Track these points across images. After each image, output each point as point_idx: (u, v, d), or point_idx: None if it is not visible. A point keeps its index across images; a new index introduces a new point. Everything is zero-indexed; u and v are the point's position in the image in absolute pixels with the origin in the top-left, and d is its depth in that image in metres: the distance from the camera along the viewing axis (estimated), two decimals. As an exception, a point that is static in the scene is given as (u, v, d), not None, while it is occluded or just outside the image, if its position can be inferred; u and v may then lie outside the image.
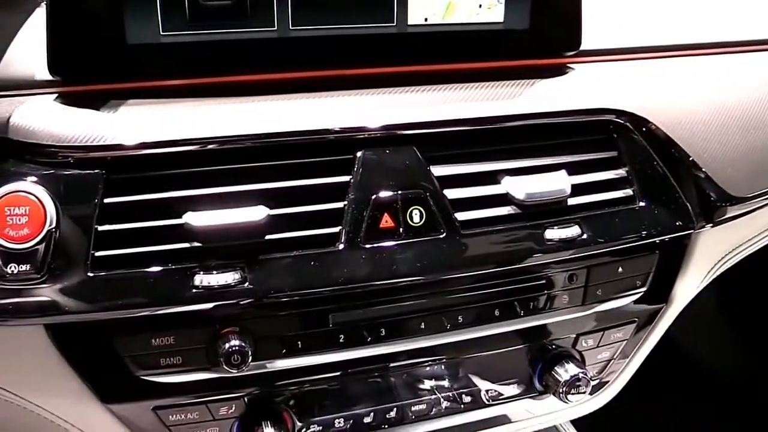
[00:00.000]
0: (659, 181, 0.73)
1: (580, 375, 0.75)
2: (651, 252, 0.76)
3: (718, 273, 0.87)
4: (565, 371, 0.75)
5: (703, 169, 0.75)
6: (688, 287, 0.83)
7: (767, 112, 0.79)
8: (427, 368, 0.73)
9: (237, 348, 0.61)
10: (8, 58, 0.64)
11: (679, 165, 0.74)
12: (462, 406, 0.76)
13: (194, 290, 0.60)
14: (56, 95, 0.62)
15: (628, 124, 0.72)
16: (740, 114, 0.78)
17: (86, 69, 0.62)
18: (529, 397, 0.79)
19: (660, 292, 0.80)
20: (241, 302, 0.61)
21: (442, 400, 0.75)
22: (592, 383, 0.80)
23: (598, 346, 0.79)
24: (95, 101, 0.62)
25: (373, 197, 0.64)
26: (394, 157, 0.65)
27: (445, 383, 0.75)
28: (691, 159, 0.74)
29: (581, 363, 0.77)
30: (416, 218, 0.65)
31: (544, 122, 0.69)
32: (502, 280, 0.71)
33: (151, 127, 0.60)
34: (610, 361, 0.81)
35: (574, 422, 0.98)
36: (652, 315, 0.81)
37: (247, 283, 0.60)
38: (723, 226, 0.79)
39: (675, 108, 0.75)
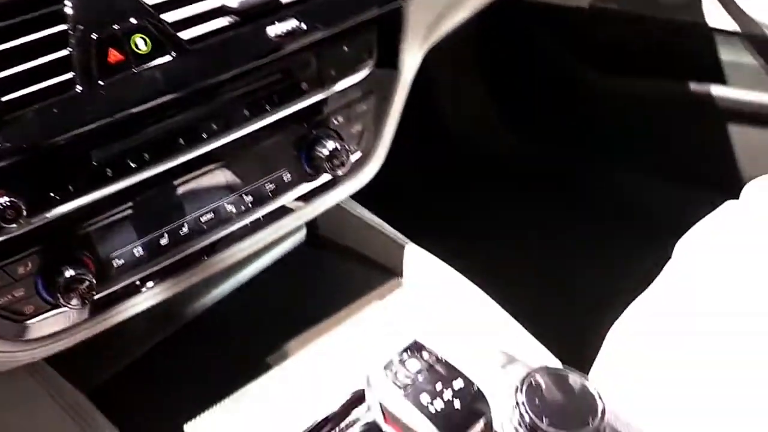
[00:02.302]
0: None
1: (338, 146, 0.85)
2: (369, 28, 0.85)
3: (438, 36, 0.98)
4: (326, 147, 0.85)
5: None
6: (412, 54, 0.94)
7: None
8: (202, 179, 0.79)
9: (8, 204, 0.65)
10: None
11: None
12: (248, 205, 0.84)
13: None
14: None
15: None
16: None
17: None
18: (306, 182, 0.88)
19: (388, 62, 0.90)
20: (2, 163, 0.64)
21: (226, 204, 0.82)
22: (356, 155, 0.91)
23: (348, 121, 0.89)
24: None
25: (93, 36, 0.67)
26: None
27: (225, 188, 0.82)
28: None
29: (338, 138, 0.87)
30: (142, 46, 0.69)
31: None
32: (241, 83, 0.77)
33: None
34: (363, 132, 0.91)
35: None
36: (387, 85, 0.91)
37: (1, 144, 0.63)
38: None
39: None
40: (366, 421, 0.81)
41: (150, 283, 0.81)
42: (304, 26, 0.77)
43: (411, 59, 0.95)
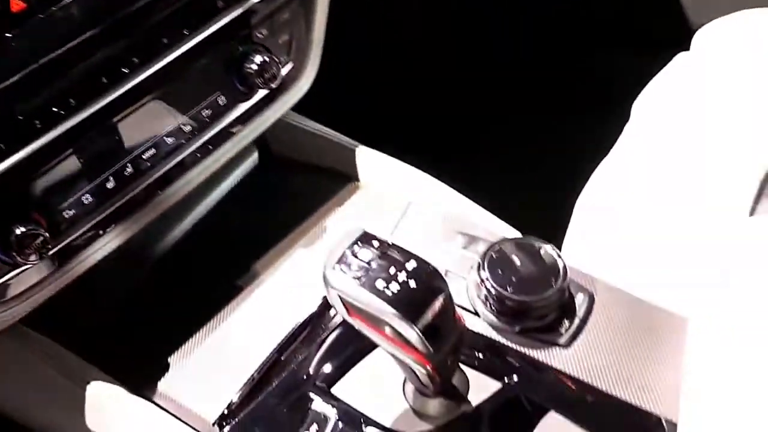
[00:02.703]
0: None
1: (267, 59, 0.84)
2: None
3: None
4: (254, 63, 0.84)
5: None
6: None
7: None
8: (136, 116, 0.78)
9: None
10: None
11: None
12: (188, 135, 0.83)
13: None
14: None
15: None
16: None
17: None
18: (243, 101, 0.87)
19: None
20: None
21: (165, 137, 0.81)
22: (287, 66, 0.90)
23: (273, 33, 0.87)
24: None
25: None
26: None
27: (161, 121, 0.81)
28: None
29: (266, 51, 0.85)
30: (45, -12, 0.68)
31: None
32: (154, 10, 0.75)
33: None
34: (291, 41, 0.90)
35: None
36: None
37: None
38: None
39: None
40: (337, 321, 0.84)
41: (107, 228, 0.80)
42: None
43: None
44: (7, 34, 0.66)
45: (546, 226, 0.95)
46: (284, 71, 0.90)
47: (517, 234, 0.91)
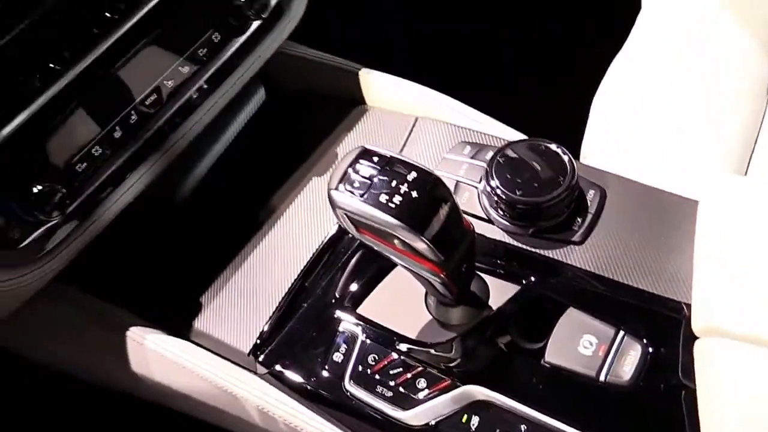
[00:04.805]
0: None
1: None
2: None
3: None
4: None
5: None
6: None
7: None
8: (133, 63, 0.79)
9: None
10: None
11: None
12: (187, 75, 0.83)
13: None
14: None
15: None
16: None
17: None
18: (237, 35, 0.86)
19: None
20: None
21: (165, 81, 0.82)
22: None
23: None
24: None
25: None
26: None
27: (158, 66, 0.81)
28: None
29: None
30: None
31: None
32: None
33: None
34: None
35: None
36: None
37: None
38: None
39: None
40: (354, 245, 0.85)
41: (122, 178, 0.82)
42: None
43: None
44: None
45: (564, 131, 0.95)
46: (274, 0, 0.89)
47: (523, 137, 0.90)
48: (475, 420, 0.71)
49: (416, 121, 0.95)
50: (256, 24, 0.87)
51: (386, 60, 1.07)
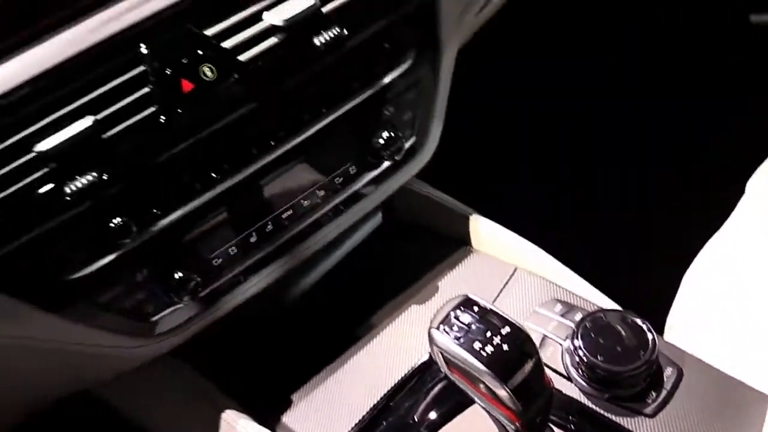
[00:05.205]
0: None
1: (393, 134, 0.95)
2: (406, 23, 0.94)
3: (469, 27, 1.06)
4: (382, 138, 0.95)
5: None
6: (450, 40, 1.02)
7: None
8: (279, 180, 0.91)
9: (120, 224, 0.78)
10: None
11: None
12: (321, 198, 0.95)
13: (69, 197, 0.74)
14: None
15: None
16: None
17: None
18: (370, 170, 0.98)
19: (428, 51, 0.99)
20: (109, 190, 0.76)
21: (302, 200, 0.93)
22: (410, 140, 1.01)
23: (399, 111, 0.98)
24: None
25: (167, 71, 0.78)
26: (170, 34, 0.78)
27: (299, 186, 0.93)
28: None
29: (392, 127, 0.97)
30: (209, 73, 0.80)
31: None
32: (298, 91, 0.88)
33: None
34: (415, 118, 1.00)
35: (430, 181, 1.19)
36: (430, 72, 1.00)
37: (107, 175, 0.75)
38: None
39: None
40: (440, 376, 0.91)
41: (248, 276, 0.93)
42: (345, 32, 0.86)
43: (450, 44, 1.03)
44: (179, 110, 0.79)
45: (649, 301, 1.01)
46: (407, 144, 1.00)
47: (614, 305, 0.96)
48: None
49: (515, 271, 1.03)
50: (388, 163, 0.99)
51: (495, 202, 1.17)
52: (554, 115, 1.87)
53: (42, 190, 0.74)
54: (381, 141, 0.95)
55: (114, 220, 0.79)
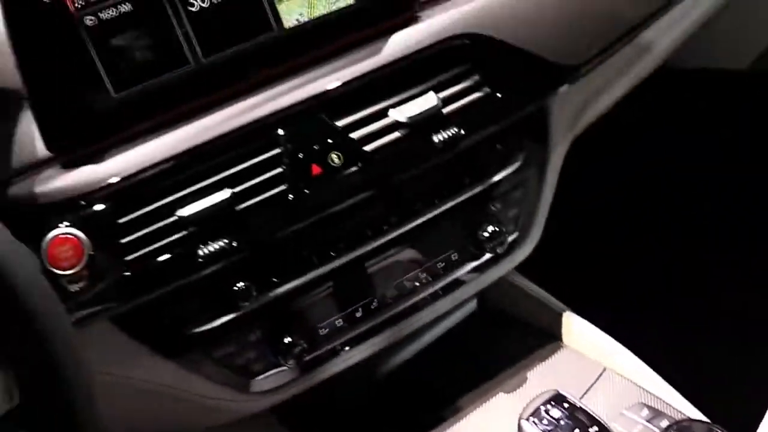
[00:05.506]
0: (506, 75, 0.98)
1: (497, 229, 1.01)
2: (519, 126, 1.01)
3: (580, 129, 1.12)
4: (486, 231, 1.01)
5: (535, 54, 0.98)
6: (560, 142, 1.09)
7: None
8: (387, 261, 0.98)
9: (243, 287, 0.86)
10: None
11: (515, 57, 0.98)
12: (424, 281, 1.02)
13: (201, 260, 0.83)
14: (60, 164, 0.84)
15: (466, 41, 0.95)
16: (550, 4, 1.00)
17: (72, 139, 0.84)
18: (471, 260, 1.04)
19: (538, 153, 1.06)
20: (236, 256, 0.85)
21: (406, 282, 1.00)
22: (513, 235, 1.06)
23: (505, 207, 1.05)
24: (89, 157, 0.85)
25: (300, 155, 0.87)
26: (305, 123, 0.88)
27: (405, 268, 1.00)
28: (522, 50, 0.97)
29: (497, 222, 1.03)
30: (336, 160, 0.89)
31: (405, 63, 0.92)
32: (414, 182, 0.95)
33: (134, 160, 0.83)
34: (519, 215, 1.06)
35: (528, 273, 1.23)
36: (538, 173, 1.07)
37: (237, 242, 0.84)
38: (567, 91, 1.03)
39: (500, 16, 0.97)
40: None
41: (348, 347, 1.00)
42: (462, 132, 0.94)
43: (559, 147, 1.10)
44: (306, 191, 0.88)
45: (738, 414, 1.00)
46: (510, 239, 1.06)
47: (700, 416, 0.97)
48: None
49: (604, 371, 1.06)
50: (489, 255, 1.05)
51: (588, 294, 1.19)
52: (658, 192, 1.89)
53: (178, 251, 0.84)
54: (485, 234, 1.01)
55: (237, 284, 0.87)
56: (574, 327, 1.13)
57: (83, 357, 0.67)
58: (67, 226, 0.81)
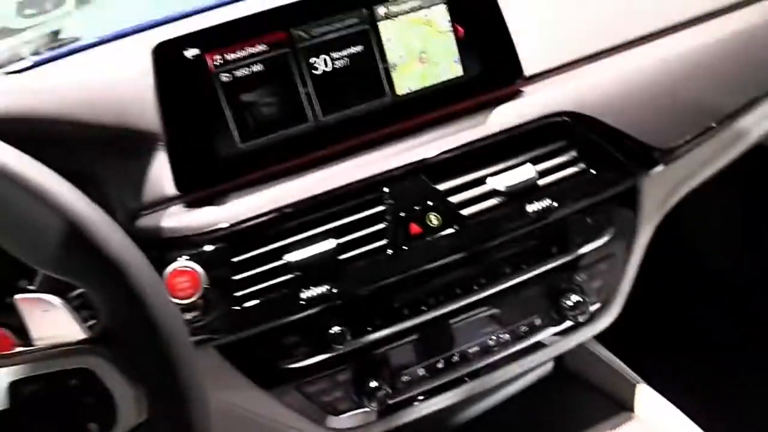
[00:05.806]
0: (601, 153, 1.02)
1: (581, 299, 1.05)
2: (609, 202, 1.05)
3: (670, 206, 1.15)
4: (570, 300, 1.05)
5: (632, 135, 1.03)
6: (649, 220, 1.12)
7: (671, 82, 1.07)
8: (472, 319, 1.03)
9: (339, 332, 0.93)
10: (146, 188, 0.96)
11: (612, 136, 1.02)
12: (505, 342, 1.06)
13: (303, 302, 0.91)
14: (185, 203, 0.93)
15: (566, 119, 1.00)
16: (650, 89, 1.05)
17: (199, 182, 0.93)
18: (553, 326, 1.09)
19: (626, 229, 1.09)
20: (335, 302, 0.92)
21: (488, 340, 1.05)
22: (595, 305, 1.10)
23: (590, 278, 1.08)
24: (211, 198, 0.93)
25: (402, 214, 0.94)
26: (409, 184, 0.95)
27: (488, 327, 1.05)
28: (620, 131, 1.02)
29: (581, 292, 1.07)
30: (435, 221, 0.96)
31: (507, 135, 0.99)
32: (505, 247, 1.01)
33: (252, 206, 0.92)
34: (603, 287, 1.10)
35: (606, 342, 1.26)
36: (625, 248, 1.10)
37: (336, 289, 0.91)
38: (660, 171, 1.06)
39: (602, 97, 1.03)
40: None
41: (426, 396, 1.05)
42: (555, 204, 0.99)
43: (647, 224, 1.13)
44: (404, 247, 0.95)
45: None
46: (592, 308, 1.09)
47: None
48: None
49: None
50: (570, 322, 1.09)
51: (664, 367, 1.21)
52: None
53: (283, 292, 0.92)
54: (568, 303, 1.05)
55: (334, 328, 0.94)
56: (646, 400, 1.15)
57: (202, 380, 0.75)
58: (186, 259, 0.90)
